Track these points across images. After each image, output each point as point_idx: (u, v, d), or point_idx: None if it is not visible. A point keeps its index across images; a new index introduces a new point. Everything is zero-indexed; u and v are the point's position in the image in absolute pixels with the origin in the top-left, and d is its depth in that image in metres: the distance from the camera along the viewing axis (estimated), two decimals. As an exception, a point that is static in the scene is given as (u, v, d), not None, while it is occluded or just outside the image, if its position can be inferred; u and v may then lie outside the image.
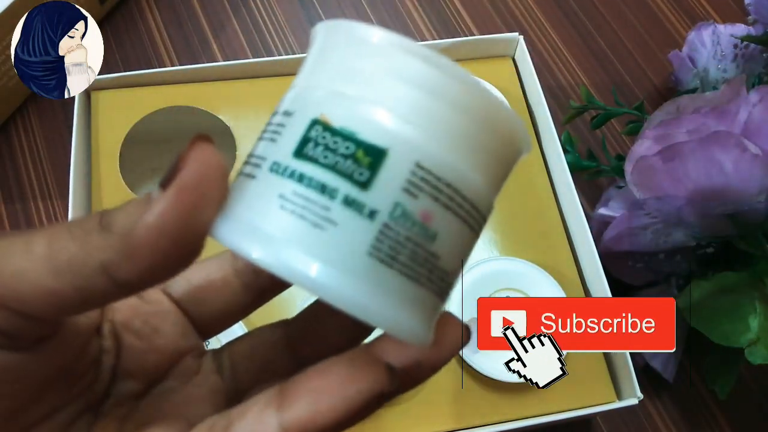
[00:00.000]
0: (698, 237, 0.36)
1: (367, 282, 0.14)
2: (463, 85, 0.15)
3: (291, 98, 0.16)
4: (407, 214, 0.14)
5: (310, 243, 0.14)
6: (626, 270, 0.39)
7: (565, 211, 0.39)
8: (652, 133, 0.34)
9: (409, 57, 0.15)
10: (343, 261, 0.14)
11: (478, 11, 0.54)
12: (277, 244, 0.14)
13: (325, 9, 0.54)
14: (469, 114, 0.15)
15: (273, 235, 0.14)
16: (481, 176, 0.16)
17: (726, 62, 0.43)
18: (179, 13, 0.53)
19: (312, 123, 0.15)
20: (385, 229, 0.14)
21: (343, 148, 0.14)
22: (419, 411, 0.33)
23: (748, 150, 0.32)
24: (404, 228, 0.14)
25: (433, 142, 0.15)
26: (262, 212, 0.14)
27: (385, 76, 0.15)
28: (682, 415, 0.41)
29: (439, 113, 0.15)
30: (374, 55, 0.15)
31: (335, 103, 0.15)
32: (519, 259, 0.36)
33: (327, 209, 0.14)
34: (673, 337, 0.28)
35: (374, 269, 0.14)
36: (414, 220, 0.14)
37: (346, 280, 0.14)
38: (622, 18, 0.55)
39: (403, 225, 0.14)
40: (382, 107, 0.15)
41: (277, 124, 0.16)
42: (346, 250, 0.14)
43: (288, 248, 0.14)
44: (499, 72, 0.43)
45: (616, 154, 0.45)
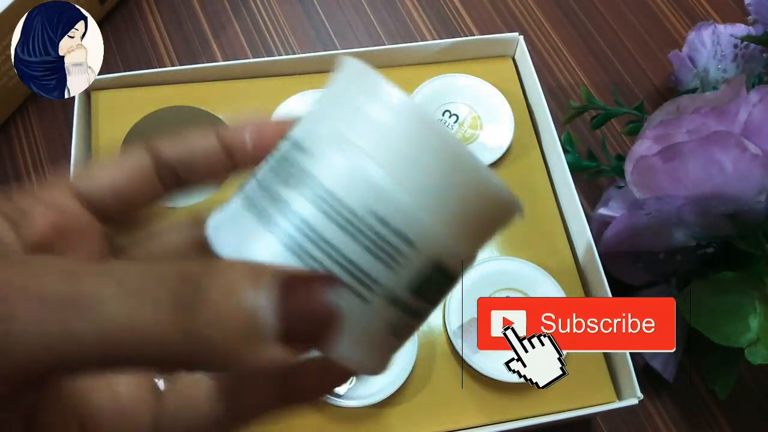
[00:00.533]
0: (698, 237, 0.36)
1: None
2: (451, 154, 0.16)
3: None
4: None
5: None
6: (626, 270, 0.39)
7: (565, 211, 0.39)
8: (652, 133, 0.34)
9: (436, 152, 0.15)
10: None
11: (478, 11, 0.54)
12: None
13: (325, 9, 0.54)
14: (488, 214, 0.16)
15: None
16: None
17: (726, 62, 0.43)
18: (179, 13, 0.53)
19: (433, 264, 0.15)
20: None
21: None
22: (419, 411, 0.33)
23: (748, 150, 0.31)
24: (402, 314, 0.16)
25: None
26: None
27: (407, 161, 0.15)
28: (682, 415, 0.41)
29: (464, 209, 0.16)
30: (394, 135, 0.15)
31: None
32: (519, 259, 0.36)
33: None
34: (673, 337, 0.28)
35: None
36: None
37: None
38: (622, 18, 0.55)
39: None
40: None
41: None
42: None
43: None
44: (499, 72, 0.43)
45: (616, 154, 0.45)
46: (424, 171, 0.15)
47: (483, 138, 0.39)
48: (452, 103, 0.40)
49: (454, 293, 0.35)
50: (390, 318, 0.15)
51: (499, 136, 0.39)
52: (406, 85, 0.42)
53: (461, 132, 0.40)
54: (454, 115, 0.40)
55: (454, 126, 0.40)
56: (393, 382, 0.32)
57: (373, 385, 0.32)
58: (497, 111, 0.40)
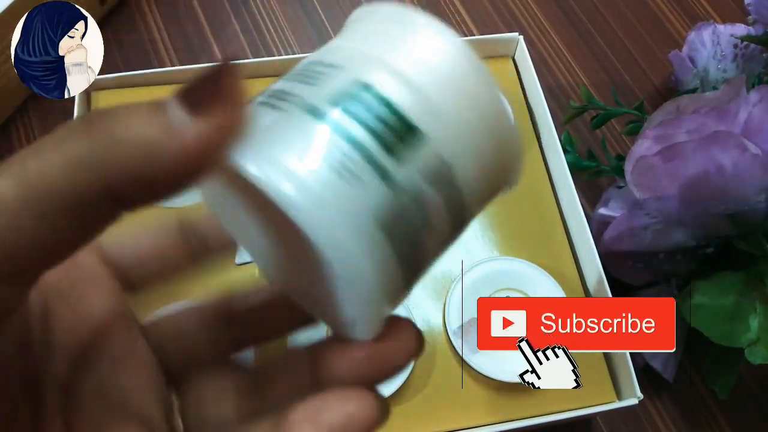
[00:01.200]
0: (698, 237, 0.36)
1: (363, 243, 0.14)
2: (498, 105, 0.16)
3: (341, 55, 0.16)
4: (421, 200, 0.15)
5: (332, 190, 0.14)
6: (626, 270, 0.39)
7: (565, 211, 0.39)
8: (652, 133, 0.34)
9: (467, 63, 0.16)
10: (351, 215, 0.14)
11: (478, 11, 0.54)
12: (304, 184, 0.14)
13: (325, 9, 0.54)
14: (493, 133, 0.16)
15: (299, 174, 0.14)
16: (483, 191, 0.16)
17: (726, 62, 0.43)
18: (179, 13, 0.53)
19: (361, 83, 0.15)
20: (398, 204, 0.14)
21: (385, 116, 0.15)
22: (419, 411, 0.33)
23: (748, 150, 0.31)
24: (413, 210, 0.15)
25: (460, 144, 0.15)
26: (293, 149, 0.14)
27: (441, 71, 0.15)
28: (682, 415, 0.41)
29: (473, 121, 0.16)
30: (437, 52, 0.16)
31: (388, 76, 0.15)
32: (519, 259, 0.36)
33: (355, 163, 0.14)
34: (673, 337, 0.28)
35: (375, 234, 0.14)
36: (424, 208, 0.15)
37: (349, 236, 0.14)
38: (622, 18, 0.55)
39: (414, 207, 0.15)
40: (429, 95, 0.15)
41: (317, 71, 0.16)
42: (358, 208, 0.14)
43: (312, 189, 0.14)
44: (499, 72, 0.43)
45: (616, 154, 0.45)
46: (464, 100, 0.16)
47: (483, 138, 0.39)
48: (452, 103, 0.40)
49: (454, 293, 0.35)
50: (326, 141, 0.14)
51: (499, 136, 0.39)
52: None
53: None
54: (454, 115, 0.40)
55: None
56: (393, 382, 0.32)
57: (373, 385, 0.32)
58: (497, 111, 0.40)
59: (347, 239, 0.14)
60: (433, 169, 0.15)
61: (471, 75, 0.16)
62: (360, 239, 0.14)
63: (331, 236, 0.14)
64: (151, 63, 0.50)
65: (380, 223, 0.14)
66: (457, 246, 0.39)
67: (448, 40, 0.16)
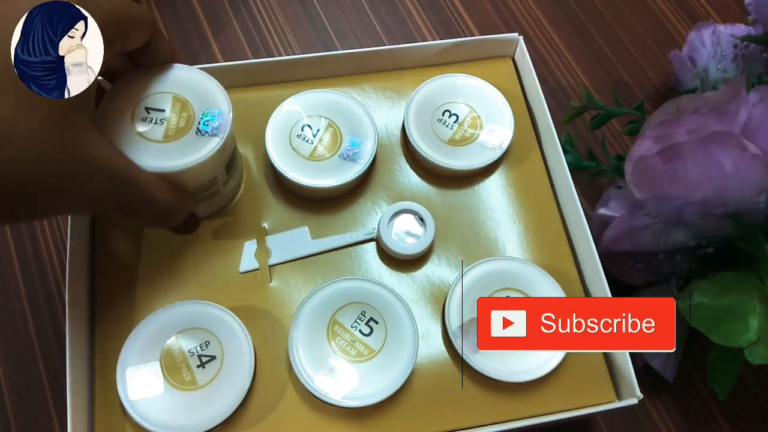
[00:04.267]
0: (698, 237, 0.36)
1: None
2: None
3: None
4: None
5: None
6: (626, 270, 0.39)
7: (565, 211, 0.39)
8: (652, 133, 0.34)
9: None
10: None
11: (478, 11, 0.54)
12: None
13: (325, 9, 0.54)
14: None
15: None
16: None
17: (726, 62, 0.43)
18: (179, 13, 0.53)
19: None
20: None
21: None
22: (419, 411, 0.33)
23: (748, 150, 0.31)
24: None
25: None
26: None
27: None
28: (682, 415, 0.41)
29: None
30: None
31: None
32: (519, 259, 0.36)
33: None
34: (673, 337, 0.28)
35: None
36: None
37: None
38: (622, 18, 0.55)
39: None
40: None
41: None
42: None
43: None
44: (499, 72, 0.43)
45: (616, 154, 0.45)
46: None
47: (483, 138, 0.39)
48: (452, 103, 0.40)
49: (454, 293, 0.35)
50: None
51: (499, 136, 0.39)
52: (406, 85, 0.42)
53: (461, 132, 0.40)
54: (454, 115, 0.40)
55: (454, 126, 0.40)
56: (393, 382, 0.32)
57: (374, 386, 0.32)
58: (497, 111, 0.40)
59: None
60: None
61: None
62: None
63: None
64: (151, 63, 0.50)
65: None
66: (457, 246, 0.39)
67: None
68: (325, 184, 0.37)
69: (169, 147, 0.32)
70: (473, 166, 0.39)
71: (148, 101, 0.33)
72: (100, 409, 0.33)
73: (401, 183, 0.39)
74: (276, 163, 0.37)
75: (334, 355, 0.33)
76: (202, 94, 0.33)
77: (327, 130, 0.38)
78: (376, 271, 0.37)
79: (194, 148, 0.32)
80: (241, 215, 0.38)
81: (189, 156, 0.32)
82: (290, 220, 0.38)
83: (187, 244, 0.36)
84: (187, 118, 0.33)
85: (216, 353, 0.33)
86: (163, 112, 0.33)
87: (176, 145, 0.32)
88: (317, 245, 0.37)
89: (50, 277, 0.43)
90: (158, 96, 0.33)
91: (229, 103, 0.33)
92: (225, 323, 0.33)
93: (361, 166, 0.38)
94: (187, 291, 0.35)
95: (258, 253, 0.37)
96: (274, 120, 0.39)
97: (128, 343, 0.33)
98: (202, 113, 0.33)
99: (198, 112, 0.33)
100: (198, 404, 0.32)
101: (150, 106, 0.33)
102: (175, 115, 0.33)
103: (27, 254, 0.43)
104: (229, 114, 0.33)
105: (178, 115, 0.33)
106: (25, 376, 0.40)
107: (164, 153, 0.32)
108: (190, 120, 0.33)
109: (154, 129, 0.32)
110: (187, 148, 0.32)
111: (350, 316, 0.34)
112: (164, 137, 0.32)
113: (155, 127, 0.32)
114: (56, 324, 0.41)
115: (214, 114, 0.33)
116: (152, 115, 0.32)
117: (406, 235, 0.37)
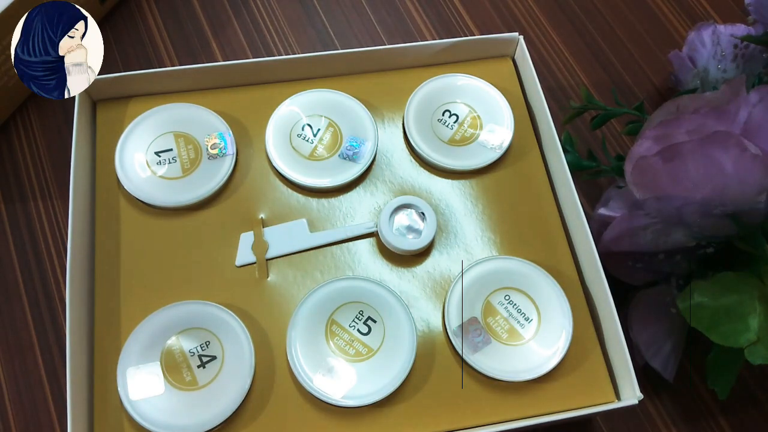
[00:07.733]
0: (698, 237, 0.36)
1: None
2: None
3: None
4: None
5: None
6: (626, 270, 0.39)
7: (565, 211, 0.39)
8: (652, 133, 0.34)
9: None
10: None
11: (478, 11, 0.54)
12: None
13: (325, 9, 0.54)
14: None
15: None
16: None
17: (726, 62, 0.43)
18: (179, 13, 0.53)
19: None
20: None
21: None
22: (419, 411, 0.33)
23: (748, 150, 0.31)
24: None
25: None
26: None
27: None
28: (682, 415, 0.41)
29: None
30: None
31: None
32: (519, 259, 0.36)
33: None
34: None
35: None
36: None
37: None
38: (622, 18, 0.55)
39: None
40: None
41: None
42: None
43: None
44: (499, 72, 0.43)
45: (616, 154, 0.45)
46: None
47: (483, 138, 0.39)
48: (452, 103, 0.40)
49: (454, 292, 0.35)
50: None
51: (499, 136, 0.39)
52: (406, 85, 0.42)
53: (461, 132, 0.40)
54: (454, 115, 0.40)
55: (454, 126, 0.40)
56: (393, 381, 0.32)
57: (373, 385, 0.32)
58: (497, 111, 0.40)
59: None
60: None
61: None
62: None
63: None
64: (151, 63, 0.50)
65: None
66: (457, 246, 0.39)
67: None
68: (325, 184, 0.37)
69: (191, 179, 0.37)
70: (473, 166, 0.39)
71: (153, 146, 0.37)
72: (100, 409, 0.33)
73: (401, 182, 0.39)
74: (276, 163, 0.37)
75: (332, 355, 0.33)
76: (199, 124, 0.38)
77: (327, 129, 0.38)
78: (376, 266, 0.37)
79: (213, 171, 0.37)
80: (239, 208, 0.38)
81: (213, 179, 0.37)
82: (288, 212, 0.38)
83: (186, 241, 0.36)
84: (194, 148, 0.37)
85: (216, 353, 0.33)
86: (171, 151, 0.37)
87: (197, 175, 0.37)
88: (316, 239, 0.37)
89: (50, 277, 0.43)
90: (161, 138, 0.38)
91: (225, 124, 0.38)
92: (225, 323, 0.33)
93: (361, 166, 0.38)
94: (187, 289, 0.35)
95: (255, 246, 0.36)
96: (274, 119, 0.39)
97: (128, 343, 0.33)
98: (206, 139, 0.38)
99: (202, 141, 0.38)
100: (198, 404, 0.32)
101: (157, 150, 0.37)
102: (183, 150, 0.37)
103: (27, 254, 0.43)
104: (230, 133, 0.38)
105: (186, 149, 0.37)
106: (25, 376, 0.40)
107: (189, 185, 0.37)
108: (198, 150, 0.37)
109: (171, 168, 0.37)
110: (207, 173, 0.37)
111: (348, 316, 0.34)
112: (183, 172, 0.37)
113: (171, 166, 0.37)
114: (56, 324, 0.41)
115: (224, 138, 0.38)
116: (163, 156, 0.37)
117: (407, 230, 0.37)
